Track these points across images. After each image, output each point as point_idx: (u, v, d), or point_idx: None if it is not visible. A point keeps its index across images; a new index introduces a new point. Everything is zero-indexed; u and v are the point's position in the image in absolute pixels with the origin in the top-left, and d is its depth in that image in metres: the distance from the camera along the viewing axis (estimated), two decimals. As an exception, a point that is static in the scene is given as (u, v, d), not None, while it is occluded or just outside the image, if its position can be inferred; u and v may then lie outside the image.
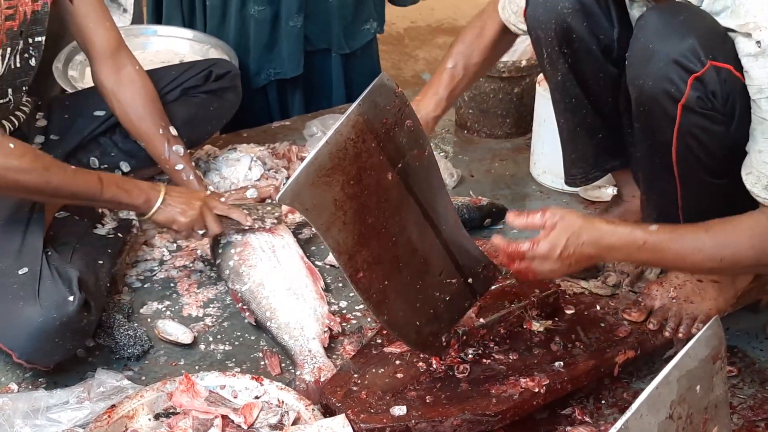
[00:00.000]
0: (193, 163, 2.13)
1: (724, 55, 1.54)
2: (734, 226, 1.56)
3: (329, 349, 1.79)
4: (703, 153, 1.60)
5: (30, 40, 1.85)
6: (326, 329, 1.80)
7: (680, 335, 1.74)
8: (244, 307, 1.87)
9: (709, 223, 1.56)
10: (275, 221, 1.99)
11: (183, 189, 1.94)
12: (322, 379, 1.67)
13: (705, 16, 1.56)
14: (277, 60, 2.62)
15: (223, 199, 2.06)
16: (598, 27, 1.71)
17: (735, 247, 1.54)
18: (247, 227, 1.96)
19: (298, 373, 1.72)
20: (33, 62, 1.91)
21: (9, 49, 1.83)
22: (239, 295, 1.89)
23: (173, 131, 2.06)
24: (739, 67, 1.54)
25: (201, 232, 1.92)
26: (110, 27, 1.99)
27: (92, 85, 2.33)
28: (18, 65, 1.87)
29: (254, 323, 1.86)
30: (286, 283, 1.88)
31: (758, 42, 1.49)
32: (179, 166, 2.05)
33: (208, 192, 2.08)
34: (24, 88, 1.96)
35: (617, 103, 1.77)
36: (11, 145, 1.69)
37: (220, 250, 1.97)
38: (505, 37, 1.91)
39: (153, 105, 2.05)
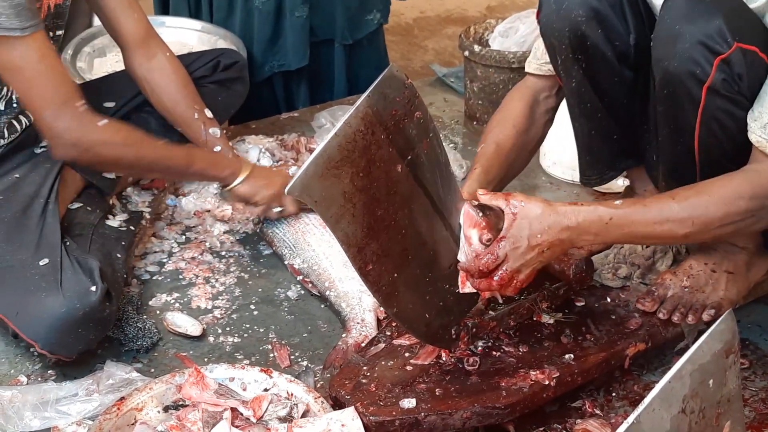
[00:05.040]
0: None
1: (751, 37, 1.52)
2: (702, 187, 1.55)
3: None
4: (725, 138, 1.58)
5: (50, 34, 1.85)
6: None
7: (689, 321, 1.73)
8: (306, 279, 1.95)
9: (675, 190, 1.56)
10: None
11: (267, 169, 2.02)
12: (363, 346, 1.70)
13: None
14: (282, 52, 2.61)
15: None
16: (614, 34, 1.69)
17: (705, 208, 1.52)
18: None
19: (344, 335, 1.78)
20: None
21: None
22: (299, 268, 1.96)
23: (209, 113, 2.09)
24: (765, 49, 1.51)
25: (278, 209, 1.98)
26: (138, 16, 2.01)
27: (100, 76, 2.35)
28: None
29: (317, 294, 1.92)
30: (342, 257, 1.89)
31: None
32: (217, 148, 2.08)
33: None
34: None
35: (632, 105, 1.75)
36: (104, 122, 1.75)
37: (273, 230, 2.03)
38: (530, 111, 1.85)
39: (186, 90, 2.07)
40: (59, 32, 1.88)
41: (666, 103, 1.63)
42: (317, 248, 1.96)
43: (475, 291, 1.55)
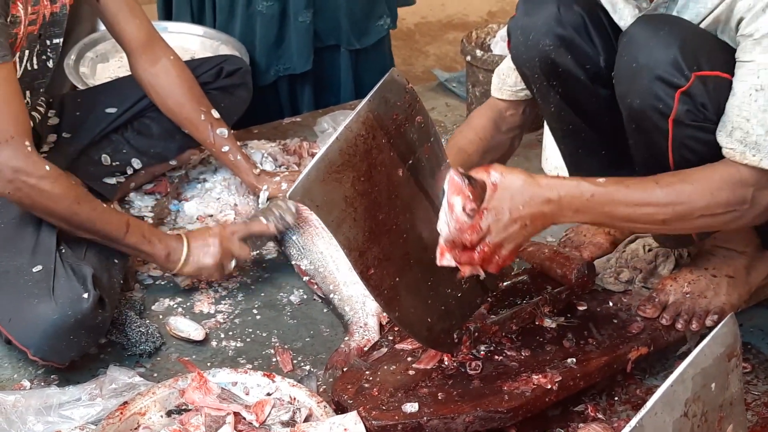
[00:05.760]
0: (238, 144, 2.16)
1: (711, 63, 1.52)
2: (686, 176, 1.54)
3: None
4: (701, 163, 1.58)
5: (48, 42, 1.85)
6: None
7: (693, 327, 1.73)
8: (312, 281, 1.95)
9: (660, 175, 1.55)
10: (294, 215, 2.00)
11: (202, 230, 1.93)
12: (366, 350, 1.71)
13: (689, 26, 1.54)
14: (286, 56, 2.62)
15: (277, 179, 2.11)
16: (584, 57, 1.69)
17: (688, 196, 1.51)
18: (273, 233, 1.98)
19: (346, 338, 1.79)
20: (50, 64, 1.91)
21: (27, 52, 1.84)
22: (305, 269, 1.96)
23: (215, 114, 2.09)
24: (728, 68, 1.52)
25: (232, 264, 1.91)
26: (141, 21, 2.01)
27: (103, 82, 2.35)
28: (35, 67, 1.88)
29: (321, 297, 1.92)
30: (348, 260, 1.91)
31: None
32: (225, 148, 2.09)
33: (257, 171, 2.12)
34: (41, 90, 1.96)
35: (614, 119, 1.75)
36: (47, 168, 1.70)
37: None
38: (494, 123, 1.85)
39: (191, 92, 2.08)
40: (57, 40, 1.88)
41: (635, 136, 1.65)
42: (325, 251, 1.96)
43: (454, 265, 1.48)
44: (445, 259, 1.47)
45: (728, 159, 1.53)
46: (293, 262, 2.00)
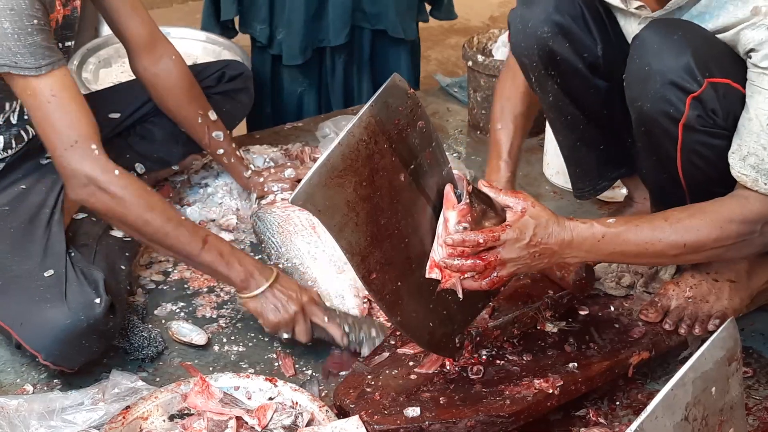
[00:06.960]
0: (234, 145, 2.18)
1: (722, 70, 1.53)
2: (695, 210, 1.56)
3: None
4: (708, 167, 1.60)
5: (60, 45, 1.86)
6: (365, 300, 1.86)
7: (696, 332, 1.74)
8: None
9: (668, 212, 1.57)
10: (373, 347, 1.75)
11: (294, 285, 1.78)
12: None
13: (701, 32, 1.55)
14: (324, 29, 2.61)
15: (261, 179, 2.11)
16: (581, 46, 1.70)
17: (698, 231, 1.53)
18: (341, 347, 1.78)
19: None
20: None
21: None
22: (283, 268, 1.94)
23: (213, 116, 2.10)
24: (738, 77, 1.52)
25: (286, 336, 1.77)
26: (143, 20, 2.01)
27: (106, 87, 2.36)
28: None
29: None
30: (327, 256, 1.93)
31: None
32: (220, 151, 2.12)
33: (248, 173, 2.15)
34: None
35: (612, 113, 1.76)
36: (116, 172, 1.67)
37: (263, 230, 2.02)
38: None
39: (190, 93, 2.08)
40: (68, 43, 1.89)
41: (644, 139, 1.66)
42: (301, 248, 1.96)
43: (438, 279, 1.49)
44: (433, 273, 1.50)
45: (736, 192, 1.55)
46: (271, 263, 1.98)
